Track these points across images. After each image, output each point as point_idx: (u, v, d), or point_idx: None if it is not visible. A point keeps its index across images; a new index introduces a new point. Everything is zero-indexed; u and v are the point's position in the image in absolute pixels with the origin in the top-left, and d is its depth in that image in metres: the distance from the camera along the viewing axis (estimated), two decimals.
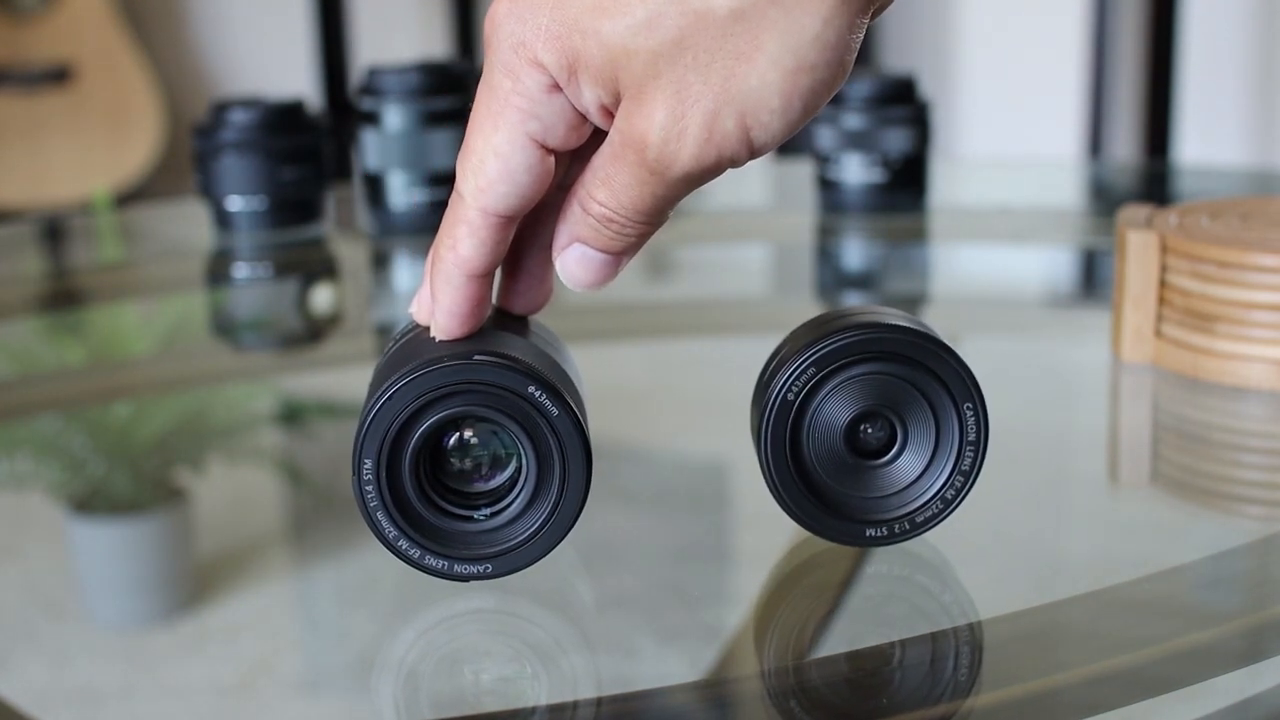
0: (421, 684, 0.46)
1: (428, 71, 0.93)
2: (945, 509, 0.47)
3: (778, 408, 0.46)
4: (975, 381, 0.46)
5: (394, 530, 0.44)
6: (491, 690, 0.45)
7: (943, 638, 0.46)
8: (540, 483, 0.44)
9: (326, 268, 0.99)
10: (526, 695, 0.45)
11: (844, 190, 0.97)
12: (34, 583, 0.58)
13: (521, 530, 0.44)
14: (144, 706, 0.49)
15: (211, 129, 0.94)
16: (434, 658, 0.47)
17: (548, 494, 0.44)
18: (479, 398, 0.43)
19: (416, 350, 0.45)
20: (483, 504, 0.45)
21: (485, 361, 0.43)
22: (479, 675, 0.46)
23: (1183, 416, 0.67)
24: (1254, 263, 0.62)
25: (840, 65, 0.40)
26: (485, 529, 0.45)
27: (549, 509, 0.44)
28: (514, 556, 0.44)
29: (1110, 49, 2.03)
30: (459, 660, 0.47)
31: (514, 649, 0.48)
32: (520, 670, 0.46)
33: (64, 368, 0.85)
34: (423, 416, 0.43)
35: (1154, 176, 1.39)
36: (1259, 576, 0.52)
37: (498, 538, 0.44)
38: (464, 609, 0.48)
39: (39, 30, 2.52)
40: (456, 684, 0.46)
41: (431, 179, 0.93)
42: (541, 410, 0.43)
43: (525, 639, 0.48)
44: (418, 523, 0.44)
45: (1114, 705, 0.43)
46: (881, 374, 0.46)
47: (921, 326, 0.46)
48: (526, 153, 0.43)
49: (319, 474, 0.69)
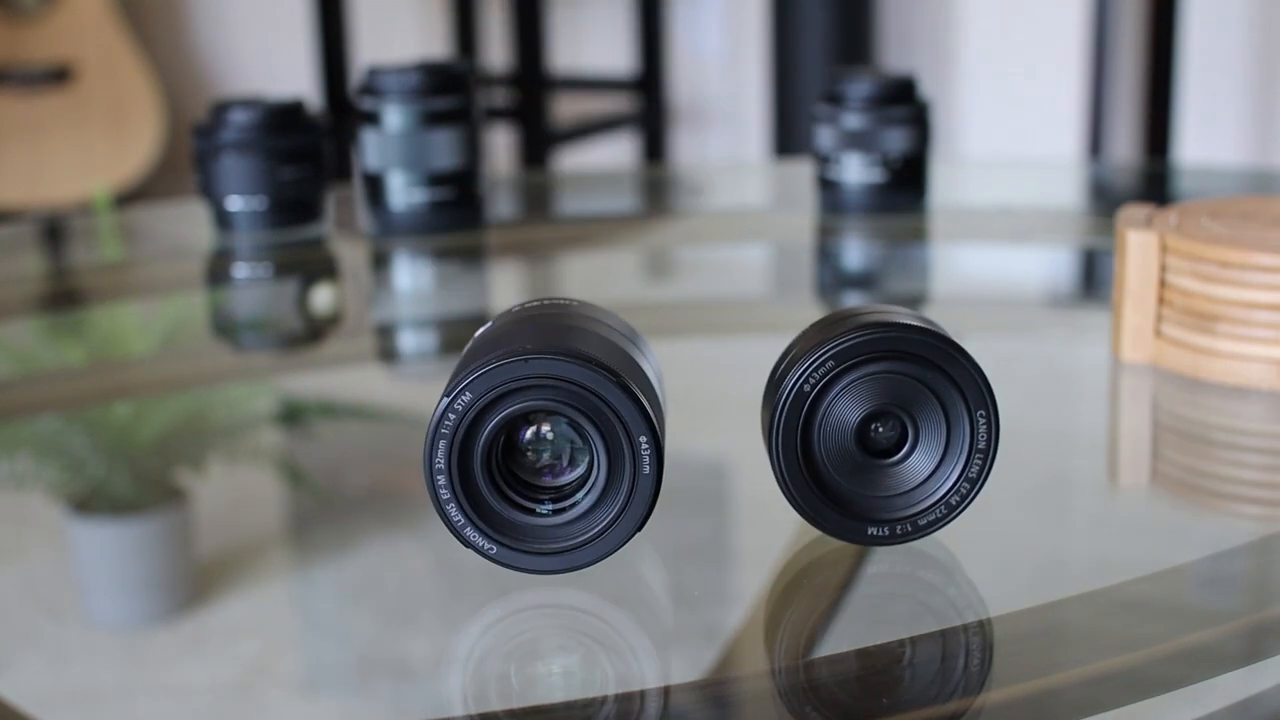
0: (489, 675, 0.46)
1: (428, 71, 0.93)
2: (949, 513, 0.47)
3: (792, 399, 0.45)
4: (990, 389, 0.46)
5: (460, 518, 0.44)
6: (549, 682, 0.46)
7: (952, 635, 0.46)
8: (609, 484, 0.44)
9: (326, 268, 0.99)
10: (585, 687, 0.45)
11: (844, 190, 0.97)
12: (34, 583, 0.58)
13: (587, 529, 0.44)
14: (144, 706, 0.49)
15: (211, 129, 0.94)
16: (502, 650, 0.47)
17: (616, 495, 0.44)
18: (556, 393, 0.43)
19: (502, 339, 0.45)
20: (549, 499, 0.45)
21: (567, 357, 0.43)
22: (546, 667, 0.46)
23: (1183, 416, 0.67)
24: (1254, 263, 0.62)
25: None
26: (550, 524, 0.45)
27: (616, 510, 0.44)
28: (576, 554, 0.44)
29: (1110, 49, 2.03)
30: (526, 654, 0.47)
31: (576, 643, 0.48)
32: (576, 663, 0.47)
33: (64, 368, 0.85)
34: (498, 408, 0.43)
35: (1154, 176, 1.39)
36: (1259, 576, 0.52)
37: (562, 533, 0.45)
38: (530, 602, 0.49)
39: (39, 30, 2.52)
40: (525, 675, 0.46)
41: (431, 179, 0.93)
42: (618, 412, 0.43)
43: (591, 634, 0.48)
44: (485, 511, 0.44)
45: (1114, 705, 0.43)
46: (897, 374, 0.46)
47: (940, 329, 0.46)
48: None
49: (319, 474, 0.69)
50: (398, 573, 0.58)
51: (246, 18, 2.83)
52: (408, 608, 0.54)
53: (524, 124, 2.28)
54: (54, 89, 2.52)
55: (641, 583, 0.51)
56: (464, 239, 0.95)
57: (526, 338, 0.44)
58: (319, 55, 2.42)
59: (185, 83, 2.82)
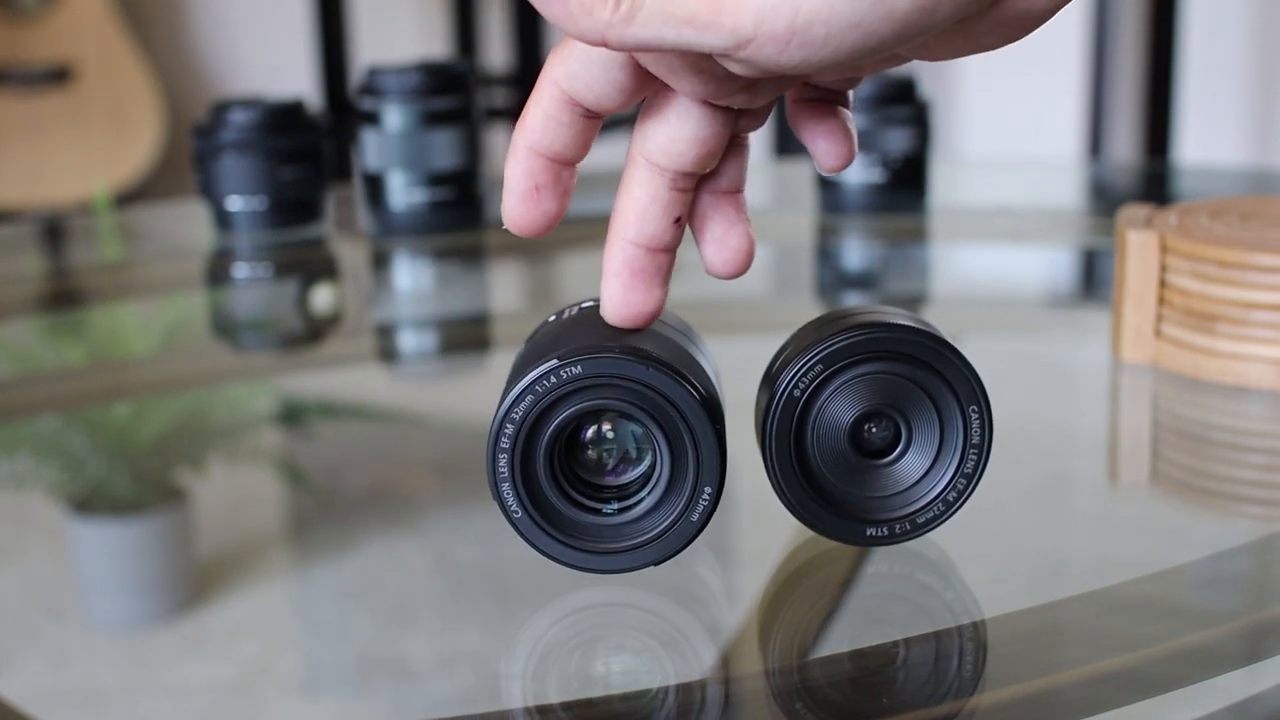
0: (549, 671, 0.46)
1: (428, 71, 0.93)
2: (947, 511, 0.47)
3: (783, 403, 0.46)
4: (981, 385, 0.46)
5: (520, 511, 0.44)
6: (609, 680, 0.46)
7: (947, 636, 0.46)
8: (672, 484, 0.44)
9: (326, 268, 0.99)
10: (646, 683, 0.45)
11: (844, 190, 0.97)
12: (34, 583, 0.58)
13: (648, 529, 0.44)
14: (144, 706, 0.49)
15: (211, 129, 0.94)
16: (562, 647, 0.47)
17: (679, 495, 0.44)
18: (621, 393, 0.43)
19: (569, 335, 0.45)
20: (612, 498, 0.45)
21: (632, 357, 0.43)
22: (607, 664, 0.46)
23: (1183, 416, 0.67)
24: (1254, 263, 0.62)
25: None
26: (612, 523, 0.45)
27: (678, 511, 0.44)
28: (636, 554, 0.44)
29: (1110, 49, 2.03)
30: (584, 650, 0.47)
31: (638, 641, 0.48)
32: (640, 662, 0.47)
33: (64, 368, 0.85)
34: (561, 407, 0.43)
35: (1154, 176, 1.39)
36: (1259, 576, 0.52)
37: (623, 533, 0.44)
38: (589, 601, 0.49)
39: (39, 30, 2.52)
40: (582, 671, 0.46)
41: (431, 179, 0.93)
42: (684, 414, 0.43)
43: (650, 632, 0.48)
44: (546, 509, 0.44)
45: (1114, 705, 0.43)
46: (888, 374, 0.46)
47: (929, 328, 0.46)
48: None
49: (319, 474, 0.69)
50: (398, 573, 0.58)
51: (246, 18, 2.83)
52: (408, 608, 0.54)
53: None
54: (54, 89, 2.52)
55: (698, 580, 0.51)
56: (464, 239, 0.95)
57: (574, 340, 0.44)
58: (319, 55, 2.42)
59: (185, 83, 2.82)
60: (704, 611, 0.50)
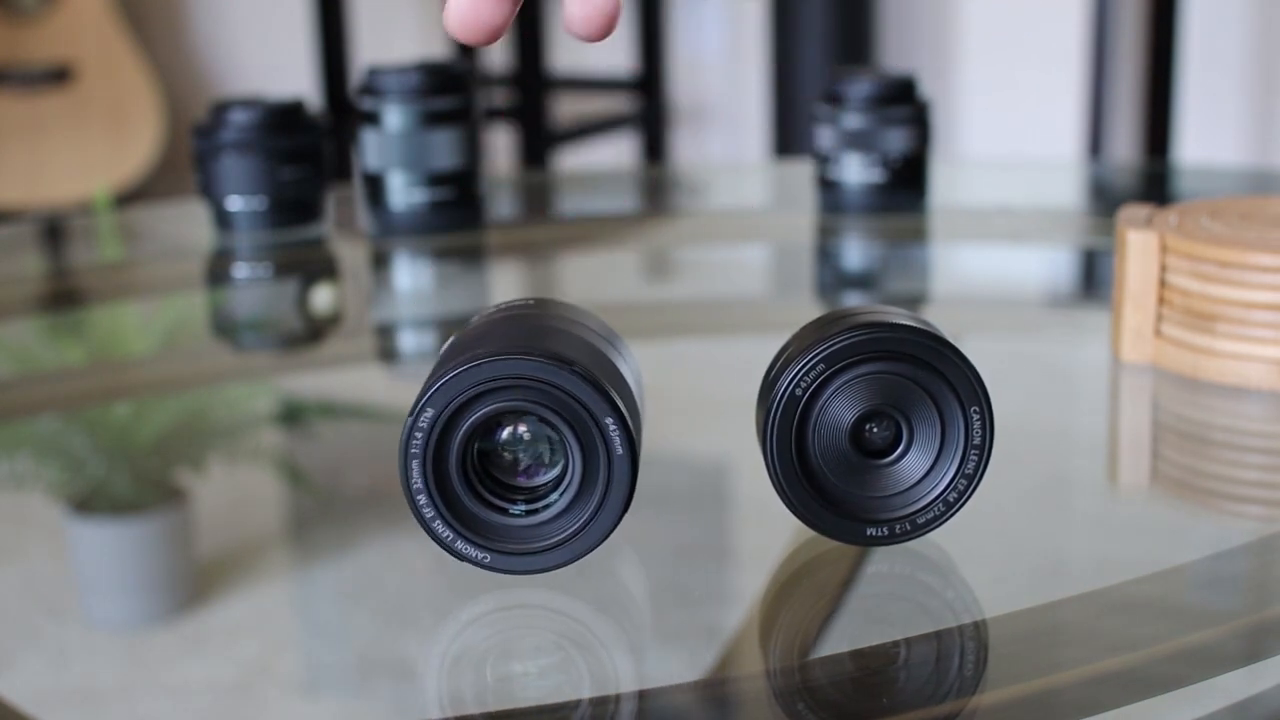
0: (464, 677, 0.46)
1: (428, 71, 0.93)
2: (947, 511, 0.47)
3: (785, 403, 0.46)
4: (983, 385, 0.46)
5: (431, 511, 0.44)
6: (525, 683, 0.46)
7: (947, 636, 0.46)
8: (583, 488, 0.44)
9: (326, 268, 0.99)
10: (557, 690, 0.45)
11: (844, 190, 0.97)
12: (34, 583, 0.58)
13: (557, 531, 0.44)
14: (144, 706, 0.49)
15: (211, 129, 0.94)
16: (476, 652, 0.47)
17: (589, 500, 0.44)
18: (534, 394, 0.43)
19: (485, 336, 0.45)
20: (522, 499, 0.45)
21: (544, 359, 0.43)
22: (523, 668, 0.47)
23: (1183, 416, 0.67)
24: (1254, 263, 0.62)
25: None
26: (521, 524, 0.45)
27: (588, 515, 0.44)
28: (545, 557, 0.44)
29: (1110, 49, 2.03)
30: (498, 655, 0.47)
31: (551, 644, 0.48)
32: (549, 665, 0.47)
33: (64, 368, 0.85)
34: (474, 407, 0.43)
35: (1154, 176, 1.39)
36: (1259, 576, 0.52)
37: (534, 535, 0.45)
38: (508, 603, 0.49)
39: (39, 30, 2.52)
40: (501, 677, 0.46)
41: (431, 179, 0.93)
42: (595, 418, 0.43)
43: (567, 635, 0.48)
44: (458, 510, 0.44)
45: (1114, 705, 0.43)
46: (889, 374, 0.46)
47: (930, 328, 0.46)
48: None
49: (319, 474, 0.69)
50: (398, 573, 0.58)
51: (246, 18, 2.83)
52: (408, 608, 0.54)
53: (524, 124, 2.28)
54: (54, 89, 2.52)
55: (619, 584, 0.51)
56: (464, 239, 0.95)
57: (493, 341, 0.44)
58: (319, 55, 2.42)
59: (185, 83, 2.82)
60: (625, 617, 0.50)
